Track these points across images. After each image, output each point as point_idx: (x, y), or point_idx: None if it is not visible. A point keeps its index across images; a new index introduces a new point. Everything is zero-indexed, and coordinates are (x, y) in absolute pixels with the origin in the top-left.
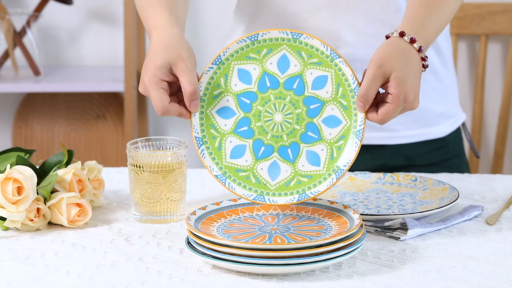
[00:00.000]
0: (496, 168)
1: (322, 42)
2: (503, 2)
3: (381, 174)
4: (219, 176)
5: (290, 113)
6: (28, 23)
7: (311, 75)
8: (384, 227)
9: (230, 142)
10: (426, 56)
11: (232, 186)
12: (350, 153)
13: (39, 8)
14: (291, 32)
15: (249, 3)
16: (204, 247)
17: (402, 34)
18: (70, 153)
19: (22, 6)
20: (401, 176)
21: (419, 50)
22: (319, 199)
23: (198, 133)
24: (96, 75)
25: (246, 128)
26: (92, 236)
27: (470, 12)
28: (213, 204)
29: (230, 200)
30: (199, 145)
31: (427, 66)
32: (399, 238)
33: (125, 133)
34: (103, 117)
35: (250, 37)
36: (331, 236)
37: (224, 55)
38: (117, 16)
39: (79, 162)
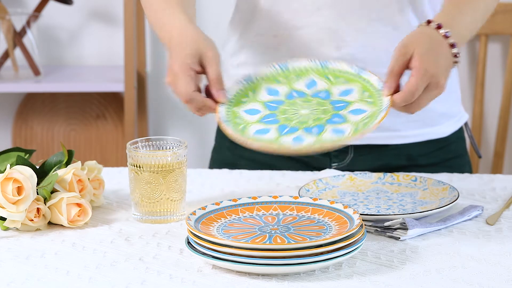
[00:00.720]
0: (496, 168)
1: (349, 65)
2: (503, 2)
3: (381, 174)
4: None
5: (316, 109)
6: (28, 23)
7: (338, 89)
8: (384, 227)
9: (255, 127)
10: (454, 44)
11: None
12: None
13: (39, 8)
14: (319, 61)
15: (247, 2)
16: (204, 247)
17: (428, 22)
18: (70, 153)
19: (22, 6)
20: (401, 176)
21: (446, 36)
22: (319, 199)
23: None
24: (96, 75)
25: (271, 118)
26: (92, 236)
27: None
28: (213, 204)
29: (230, 200)
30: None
31: (457, 55)
32: (399, 238)
33: (125, 133)
34: (103, 117)
35: (280, 65)
36: (331, 236)
37: (254, 75)
38: (117, 16)
39: (79, 162)
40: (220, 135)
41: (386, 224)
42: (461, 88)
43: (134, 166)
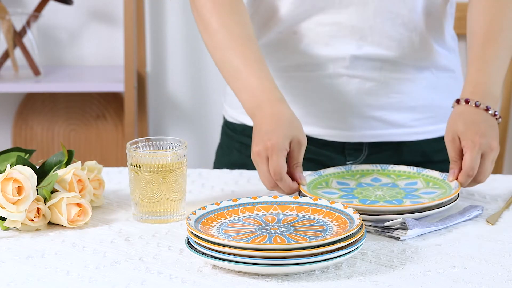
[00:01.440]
0: (496, 168)
1: (409, 167)
2: None
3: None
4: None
5: (389, 192)
6: (28, 23)
7: (403, 182)
8: (384, 227)
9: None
10: (495, 112)
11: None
12: None
13: (39, 8)
14: (380, 165)
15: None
16: (204, 247)
17: (467, 102)
18: (70, 153)
19: (22, 6)
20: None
21: (487, 109)
22: (319, 199)
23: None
24: (96, 75)
25: (350, 197)
26: (92, 236)
27: None
28: (213, 204)
29: (230, 200)
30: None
31: (499, 118)
32: (399, 238)
33: (125, 133)
34: (103, 117)
35: (345, 167)
36: (331, 236)
37: (323, 172)
38: (117, 16)
39: (79, 162)
40: (227, 135)
41: (386, 224)
42: None
43: (134, 166)
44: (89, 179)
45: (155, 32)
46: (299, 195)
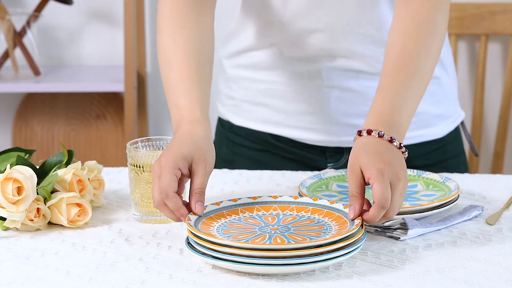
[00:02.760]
0: (496, 168)
1: (408, 169)
2: (503, 2)
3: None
4: None
5: None
6: (28, 23)
7: None
8: (384, 227)
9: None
10: (401, 145)
11: None
12: None
13: (39, 8)
14: None
15: (251, 14)
16: (204, 247)
17: (369, 132)
18: (70, 153)
19: (22, 6)
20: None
21: (391, 141)
22: (319, 199)
23: None
24: (96, 75)
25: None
26: (92, 236)
27: (470, 12)
28: (213, 204)
29: (230, 200)
30: None
31: (405, 154)
32: (399, 238)
33: (125, 133)
34: (103, 117)
35: (345, 170)
36: (331, 236)
37: (324, 175)
38: (117, 16)
39: (79, 162)
40: (219, 131)
41: (386, 224)
42: (461, 88)
43: (134, 166)
44: (89, 179)
45: (155, 32)
46: (300, 196)
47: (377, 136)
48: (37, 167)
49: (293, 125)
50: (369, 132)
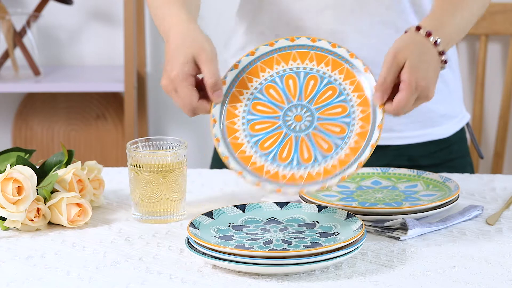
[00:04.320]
0: (496, 168)
1: (408, 169)
2: (503, 2)
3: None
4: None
5: (389, 194)
6: (28, 23)
7: (403, 185)
8: (384, 227)
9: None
10: (443, 52)
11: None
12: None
13: (39, 8)
14: (380, 168)
15: (252, 2)
16: (204, 247)
17: (418, 29)
18: (70, 153)
19: (22, 6)
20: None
21: (435, 43)
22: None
23: None
24: (96, 75)
25: (350, 200)
26: (92, 236)
27: None
28: (248, 55)
29: (266, 45)
30: None
31: (445, 62)
32: (399, 238)
33: (125, 133)
34: (103, 117)
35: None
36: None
37: None
38: (117, 16)
39: (79, 162)
40: None
41: (386, 224)
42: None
43: (134, 166)
44: (89, 179)
45: (155, 32)
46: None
47: (433, 43)
48: (37, 167)
49: None
50: (428, 34)
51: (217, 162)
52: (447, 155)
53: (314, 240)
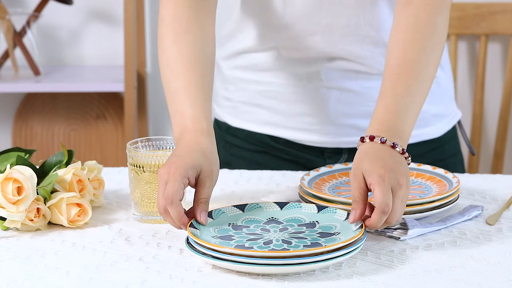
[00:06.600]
0: (496, 168)
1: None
2: (503, 2)
3: None
4: None
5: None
6: (28, 23)
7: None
8: (384, 227)
9: None
10: (404, 150)
11: None
12: None
13: (39, 8)
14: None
15: (250, 16)
16: (204, 247)
17: (371, 138)
18: (70, 153)
19: (22, 6)
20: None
21: (393, 147)
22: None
23: None
24: (96, 75)
25: None
26: (92, 236)
27: (470, 12)
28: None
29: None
30: None
31: (409, 157)
32: (399, 238)
33: (125, 133)
34: (103, 117)
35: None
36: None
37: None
38: (117, 16)
39: (79, 162)
40: (216, 133)
41: None
42: (461, 88)
43: (134, 166)
44: (89, 179)
45: (155, 32)
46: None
47: (379, 142)
48: (37, 167)
49: (291, 126)
50: (371, 138)
51: None
52: (439, 155)
53: (314, 240)
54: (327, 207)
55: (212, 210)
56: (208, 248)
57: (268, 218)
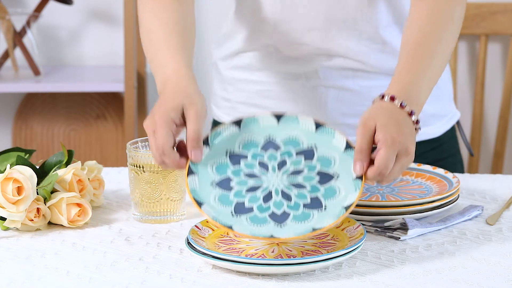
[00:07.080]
0: (496, 168)
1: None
2: (503, 2)
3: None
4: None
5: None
6: (28, 23)
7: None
8: (384, 227)
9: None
10: (412, 112)
11: None
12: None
13: (39, 8)
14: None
15: (246, 14)
16: (204, 247)
17: (382, 97)
18: (70, 153)
19: (22, 6)
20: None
21: (401, 106)
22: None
23: None
24: (96, 75)
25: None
26: (92, 236)
27: (470, 12)
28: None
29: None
30: None
31: (417, 122)
32: (399, 238)
33: (125, 133)
34: (103, 117)
35: None
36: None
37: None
38: (117, 16)
39: (79, 162)
40: None
41: (386, 224)
42: (461, 88)
43: (134, 166)
44: (89, 179)
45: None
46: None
47: (399, 106)
48: (37, 167)
49: None
50: (392, 98)
51: None
52: (438, 154)
53: (313, 191)
54: (325, 124)
55: (207, 135)
56: (208, 248)
57: (266, 139)
